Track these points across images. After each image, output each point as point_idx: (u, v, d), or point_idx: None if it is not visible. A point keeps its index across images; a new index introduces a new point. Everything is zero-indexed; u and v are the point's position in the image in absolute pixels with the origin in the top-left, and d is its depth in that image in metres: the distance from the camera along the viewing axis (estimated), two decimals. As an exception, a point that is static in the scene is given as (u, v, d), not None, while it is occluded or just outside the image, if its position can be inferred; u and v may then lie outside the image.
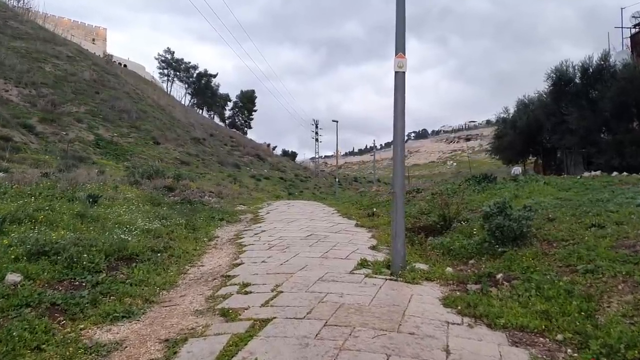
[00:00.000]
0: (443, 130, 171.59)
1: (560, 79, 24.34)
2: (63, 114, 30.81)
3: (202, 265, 5.90)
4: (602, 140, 21.66)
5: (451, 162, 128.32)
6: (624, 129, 20.27)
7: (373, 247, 6.72)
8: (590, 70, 23.39)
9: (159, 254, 5.84)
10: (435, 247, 6.66)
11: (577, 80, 24.05)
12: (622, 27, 25.51)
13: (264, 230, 8.54)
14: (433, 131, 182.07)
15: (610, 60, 22.65)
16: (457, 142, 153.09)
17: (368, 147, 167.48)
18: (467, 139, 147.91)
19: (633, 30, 24.78)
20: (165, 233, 7.04)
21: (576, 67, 24.45)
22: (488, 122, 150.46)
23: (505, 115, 35.02)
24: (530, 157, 36.33)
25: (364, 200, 15.57)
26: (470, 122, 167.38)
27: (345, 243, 7.09)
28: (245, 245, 6.91)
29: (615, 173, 12.85)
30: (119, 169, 20.04)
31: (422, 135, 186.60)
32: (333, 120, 40.62)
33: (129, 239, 5.87)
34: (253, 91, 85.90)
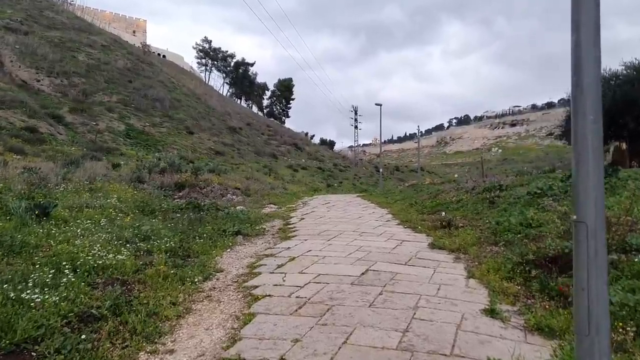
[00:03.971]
0: (486, 116, 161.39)
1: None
2: (94, 104, 29.62)
3: (171, 352, 3.09)
4: None
5: (496, 148, 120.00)
6: None
7: (490, 311, 3.59)
8: None
9: (91, 328, 3.09)
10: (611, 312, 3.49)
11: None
12: None
13: (293, 258, 5.62)
14: (476, 117, 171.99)
15: None
16: (502, 127, 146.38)
17: (408, 134, 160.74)
18: (513, 124, 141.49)
19: None
20: (132, 271, 4.32)
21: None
22: (534, 107, 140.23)
23: (579, 94, 30.10)
24: (610, 142, 31.05)
25: (424, 199, 12.32)
26: (514, 107, 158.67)
27: (434, 296, 4.01)
28: (258, 298, 4.02)
29: None
30: (148, 160, 18.17)
31: (464, 121, 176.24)
32: (376, 104, 37.21)
33: (39, 298, 3.15)
34: (291, 79, 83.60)
